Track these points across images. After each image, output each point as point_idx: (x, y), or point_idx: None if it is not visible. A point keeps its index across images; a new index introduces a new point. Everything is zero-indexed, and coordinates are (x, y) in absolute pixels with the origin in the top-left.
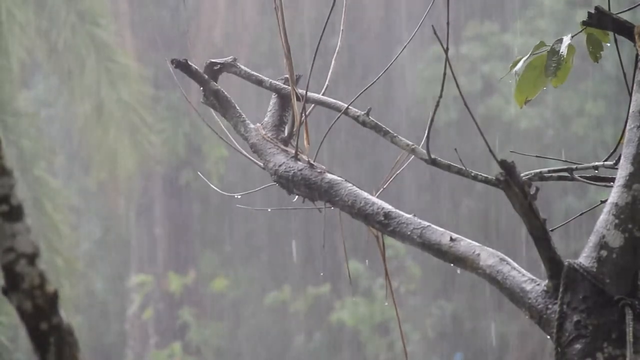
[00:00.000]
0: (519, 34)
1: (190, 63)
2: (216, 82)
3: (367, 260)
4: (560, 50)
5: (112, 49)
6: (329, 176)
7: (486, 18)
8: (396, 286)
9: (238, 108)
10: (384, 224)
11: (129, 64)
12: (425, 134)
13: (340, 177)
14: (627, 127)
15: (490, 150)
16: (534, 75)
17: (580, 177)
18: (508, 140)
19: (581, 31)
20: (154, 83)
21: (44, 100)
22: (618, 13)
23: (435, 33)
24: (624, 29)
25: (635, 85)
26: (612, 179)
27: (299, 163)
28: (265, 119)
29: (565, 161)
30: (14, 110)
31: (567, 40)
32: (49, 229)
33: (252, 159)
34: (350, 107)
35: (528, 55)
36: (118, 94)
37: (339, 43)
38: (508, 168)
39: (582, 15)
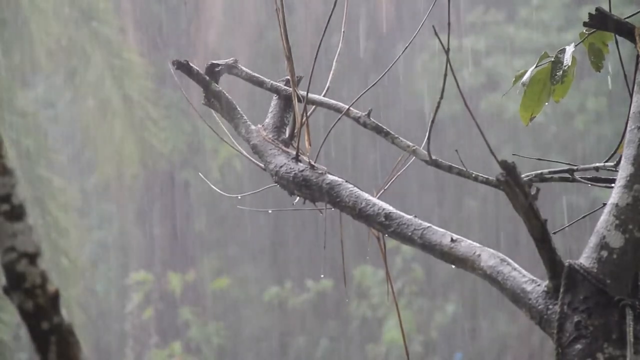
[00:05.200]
0: (523, 27)
1: (191, 64)
2: (217, 84)
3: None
4: (565, 61)
5: (116, 45)
6: (330, 177)
7: (490, 6)
8: (400, 287)
9: (239, 109)
10: (385, 225)
11: (133, 59)
12: (426, 135)
13: (341, 178)
14: (628, 128)
15: (491, 151)
16: (538, 89)
17: (581, 178)
18: (510, 135)
19: (582, 41)
20: (156, 81)
21: (45, 101)
22: (625, 18)
23: (436, 34)
24: (625, 30)
25: (635, 86)
26: (613, 180)
27: (300, 164)
28: (267, 120)
29: (567, 164)
30: (16, 109)
31: (570, 49)
32: (53, 228)
33: (253, 160)
34: (351, 108)
35: (534, 66)
36: (123, 90)
37: (340, 44)
38: (509, 169)
39: (585, 13)
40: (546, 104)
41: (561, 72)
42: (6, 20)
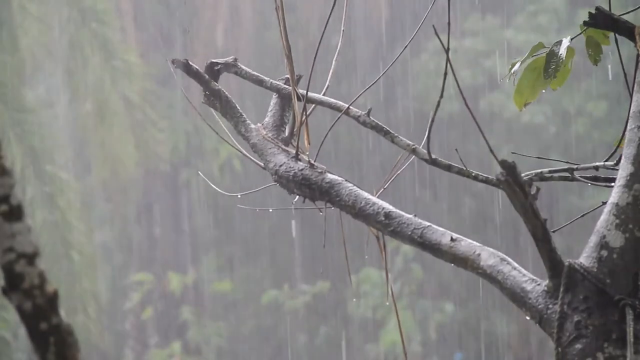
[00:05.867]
0: (521, 30)
1: (190, 63)
2: (217, 82)
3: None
4: (559, 53)
5: (116, 46)
6: (330, 176)
7: (488, 11)
8: (400, 287)
9: (239, 108)
10: (385, 224)
11: (133, 61)
12: (426, 134)
13: (341, 177)
14: (628, 128)
15: (491, 150)
16: (533, 77)
17: (581, 177)
18: (509, 136)
19: (581, 33)
20: (156, 81)
21: (45, 100)
22: (621, 15)
23: (436, 33)
24: (625, 29)
25: (635, 85)
26: (613, 179)
27: (300, 163)
28: (266, 119)
29: (567, 162)
30: (22, 106)
31: (566, 42)
32: (62, 223)
33: (253, 159)
34: (350, 107)
35: (525, 56)
36: (122, 91)
37: (339, 43)
38: (509, 168)
39: (583, 14)
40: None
41: (554, 66)
42: (6, 21)
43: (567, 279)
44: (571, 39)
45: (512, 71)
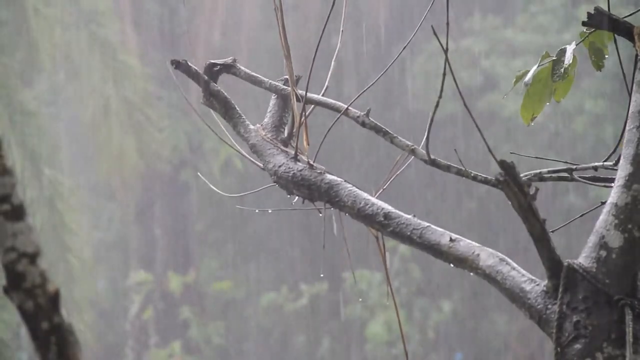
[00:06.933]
0: (521, 30)
1: (190, 64)
2: (216, 83)
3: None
4: (565, 61)
5: (115, 47)
6: (329, 177)
7: (488, 12)
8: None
9: (238, 109)
10: (384, 225)
11: (132, 62)
12: (425, 135)
13: (340, 177)
14: (627, 128)
15: (490, 151)
16: (539, 88)
17: (580, 177)
18: (508, 136)
19: (582, 40)
20: (156, 81)
21: (46, 102)
22: (623, 17)
23: (435, 33)
24: (624, 30)
25: (634, 85)
26: (612, 180)
27: (299, 164)
28: (265, 119)
29: (566, 162)
30: (21, 109)
31: (570, 49)
32: (61, 228)
33: (252, 159)
34: (350, 107)
35: (536, 66)
36: (122, 92)
37: (338, 44)
38: (507, 168)
39: (584, 14)
40: (547, 104)
41: (562, 70)
42: (7, 22)
43: (566, 279)
44: (576, 44)
45: (525, 81)
